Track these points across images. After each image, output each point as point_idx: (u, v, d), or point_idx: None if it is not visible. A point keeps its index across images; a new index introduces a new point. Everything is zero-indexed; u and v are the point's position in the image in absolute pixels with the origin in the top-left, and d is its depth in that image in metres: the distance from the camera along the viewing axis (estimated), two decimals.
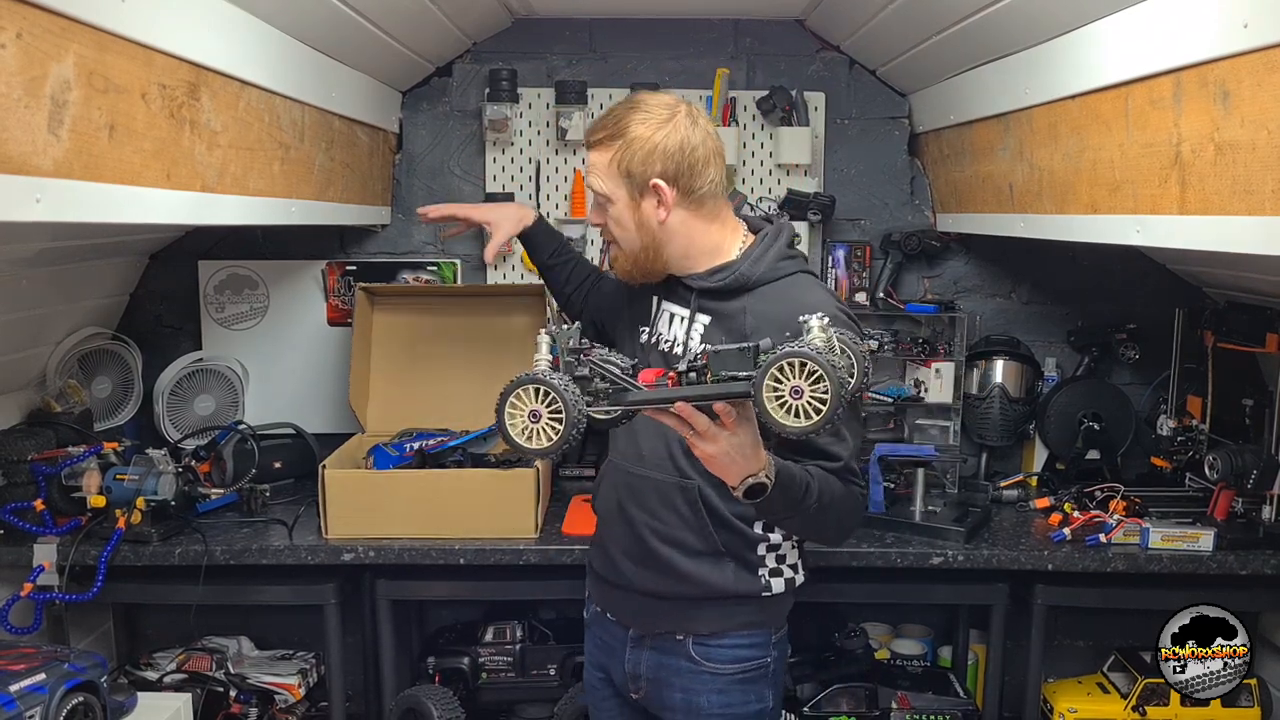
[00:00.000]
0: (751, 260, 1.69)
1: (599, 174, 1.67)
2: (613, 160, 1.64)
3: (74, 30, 1.19)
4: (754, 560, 1.72)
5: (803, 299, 1.63)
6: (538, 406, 1.36)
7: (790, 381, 1.28)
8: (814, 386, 1.27)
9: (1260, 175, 1.28)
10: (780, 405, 1.28)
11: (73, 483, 2.27)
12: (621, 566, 1.77)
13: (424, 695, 2.38)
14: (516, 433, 1.37)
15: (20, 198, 1.12)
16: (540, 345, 1.43)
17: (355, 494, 2.29)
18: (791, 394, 1.27)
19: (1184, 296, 2.75)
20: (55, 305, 2.48)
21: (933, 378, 2.70)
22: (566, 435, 1.35)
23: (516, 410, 1.37)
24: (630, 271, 1.75)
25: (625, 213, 1.67)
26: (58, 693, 1.82)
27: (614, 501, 1.79)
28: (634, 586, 1.76)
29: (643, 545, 1.73)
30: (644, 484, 1.73)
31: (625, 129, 1.63)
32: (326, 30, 2.02)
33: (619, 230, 1.70)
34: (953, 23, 2.09)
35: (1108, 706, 2.45)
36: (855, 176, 2.84)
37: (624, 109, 1.66)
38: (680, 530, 1.70)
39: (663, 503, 1.71)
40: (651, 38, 2.79)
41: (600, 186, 1.68)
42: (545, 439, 1.36)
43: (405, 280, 2.84)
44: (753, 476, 1.44)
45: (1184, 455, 2.62)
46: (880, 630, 2.82)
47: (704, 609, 1.72)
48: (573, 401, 1.35)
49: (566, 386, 1.36)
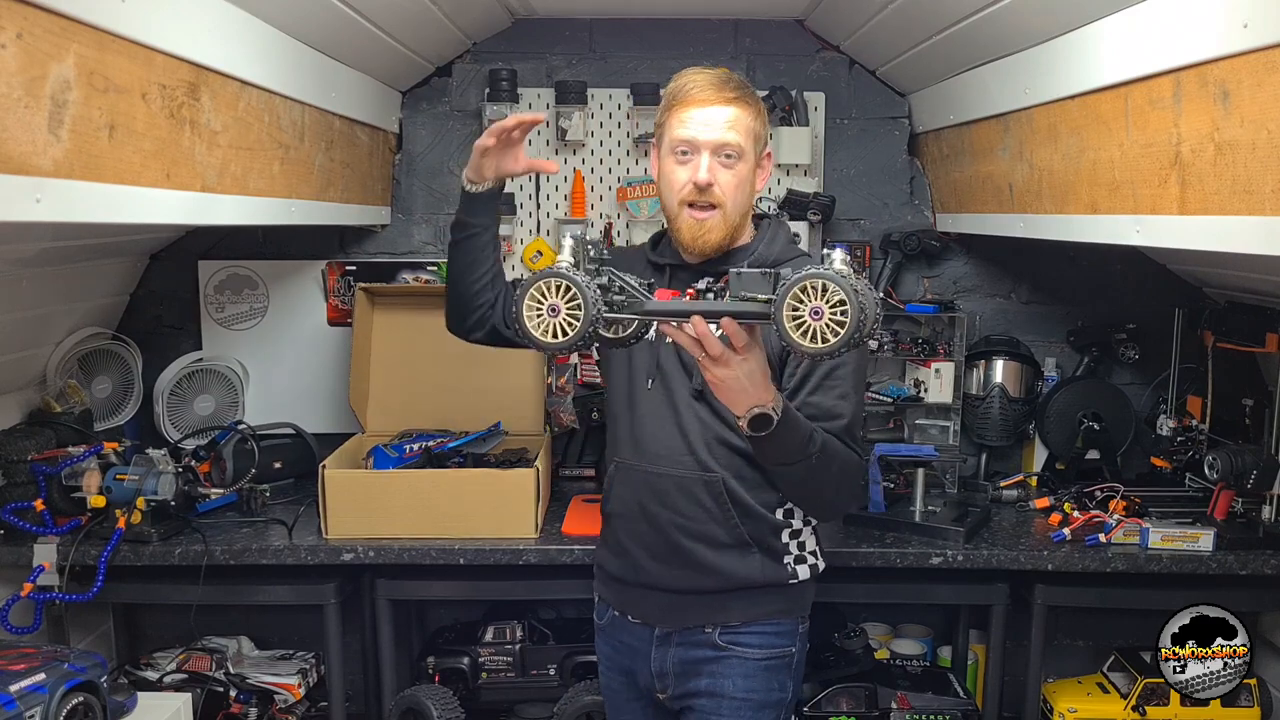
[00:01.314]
0: (767, 242, 1.73)
1: (741, 130, 1.65)
2: (755, 121, 1.67)
3: (74, 30, 1.19)
4: (779, 548, 1.74)
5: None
6: (557, 301, 1.37)
7: (811, 302, 1.29)
8: (834, 309, 1.28)
9: (1260, 175, 1.28)
10: (799, 327, 1.29)
11: (73, 483, 2.27)
12: (646, 567, 1.75)
13: (424, 695, 2.37)
14: (533, 325, 1.39)
15: (20, 198, 1.12)
16: (564, 246, 1.44)
17: (355, 494, 2.29)
18: (811, 314, 1.29)
19: (1184, 296, 2.75)
20: (55, 305, 2.48)
21: (933, 378, 2.70)
22: (583, 331, 1.37)
23: (536, 304, 1.38)
24: (722, 240, 1.69)
25: (748, 174, 1.68)
26: (58, 693, 1.82)
27: (633, 503, 1.76)
28: (661, 585, 1.75)
29: (670, 543, 1.72)
30: (665, 482, 1.72)
31: (758, 98, 1.69)
32: (326, 30, 2.02)
33: (736, 191, 1.67)
34: (953, 23, 2.09)
35: (1108, 706, 2.45)
36: (855, 176, 2.84)
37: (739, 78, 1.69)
38: (707, 524, 1.70)
39: (687, 498, 1.70)
40: (651, 38, 2.79)
41: (741, 142, 1.65)
42: (562, 333, 1.38)
43: (405, 280, 2.84)
44: (759, 407, 1.45)
45: (1184, 455, 2.62)
46: (880, 630, 2.82)
47: (733, 600, 1.73)
48: (592, 299, 1.37)
49: (588, 284, 1.37)
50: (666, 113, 1.70)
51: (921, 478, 2.44)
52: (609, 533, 1.85)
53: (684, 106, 1.66)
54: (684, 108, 1.66)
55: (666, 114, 1.70)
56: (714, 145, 1.64)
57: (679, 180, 1.67)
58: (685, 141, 1.66)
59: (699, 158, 1.65)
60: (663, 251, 1.80)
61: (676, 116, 1.67)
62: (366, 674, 2.80)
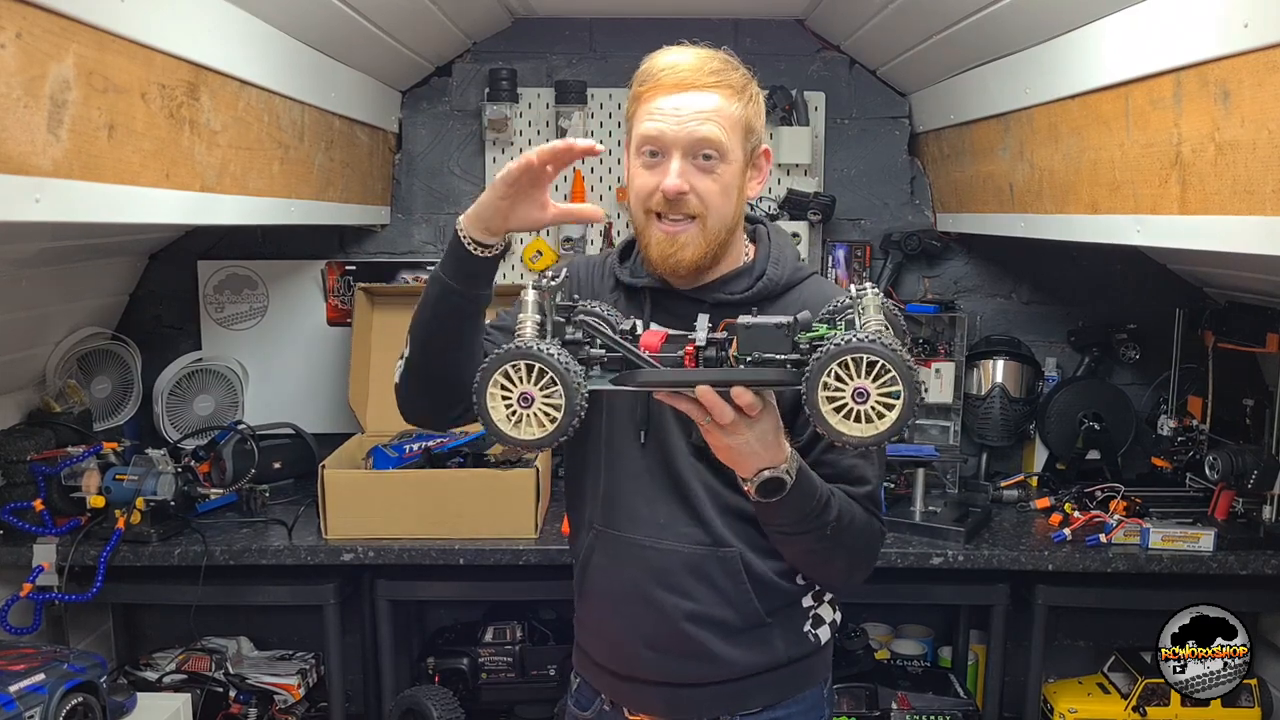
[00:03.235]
0: (774, 262, 1.43)
1: (722, 123, 1.32)
2: (742, 113, 1.34)
3: (74, 30, 1.19)
4: (799, 618, 1.46)
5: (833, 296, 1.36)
6: (530, 389, 1.11)
7: (854, 381, 1.06)
8: (882, 388, 1.06)
9: (1260, 175, 1.28)
10: (837, 409, 1.07)
11: (72, 483, 2.27)
12: (644, 658, 1.43)
13: (424, 695, 2.37)
14: (500, 418, 1.12)
15: (20, 197, 1.12)
16: (526, 304, 1.18)
17: (355, 494, 2.29)
18: (855, 396, 1.06)
19: (1184, 296, 2.74)
20: (55, 305, 2.47)
21: (933, 378, 2.70)
22: (565, 426, 1.11)
23: (503, 391, 1.12)
24: (700, 259, 1.36)
25: (736, 179, 1.35)
26: (57, 693, 1.82)
27: (626, 583, 1.43)
28: (662, 680, 1.44)
29: (675, 632, 1.40)
30: (669, 559, 1.39)
31: (745, 81, 1.36)
32: (326, 30, 2.02)
33: (720, 200, 1.34)
34: (953, 23, 2.09)
35: (1108, 707, 2.45)
36: (855, 176, 2.84)
37: (720, 58, 1.38)
38: (719, 608, 1.40)
39: (697, 578, 1.39)
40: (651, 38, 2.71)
41: (721, 137, 1.32)
42: (539, 427, 1.12)
43: (405, 280, 2.84)
44: (770, 469, 1.22)
45: (1184, 455, 2.62)
46: (880, 630, 2.82)
47: (752, 685, 1.44)
48: (575, 385, 1.10)
49: (568, 365, 1.10)
50: (634, 102, 1.38)
51: (922, 478, 2.44)
52: (589, 614, 1.51)
53: (652, 94, 1.34)
54: (652, 96, 1.34)
55: (634, 104, 1.38)
56: (687, 143, 1.32)
57: (645, 187, 1.35)
58: (652, 139, 1.33)
59: (669, 159, 1.33)
60: (636, 270, 1.46)
61: (644, 107, 1.35)
62: (366, 674, 2.80)
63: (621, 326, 1.24)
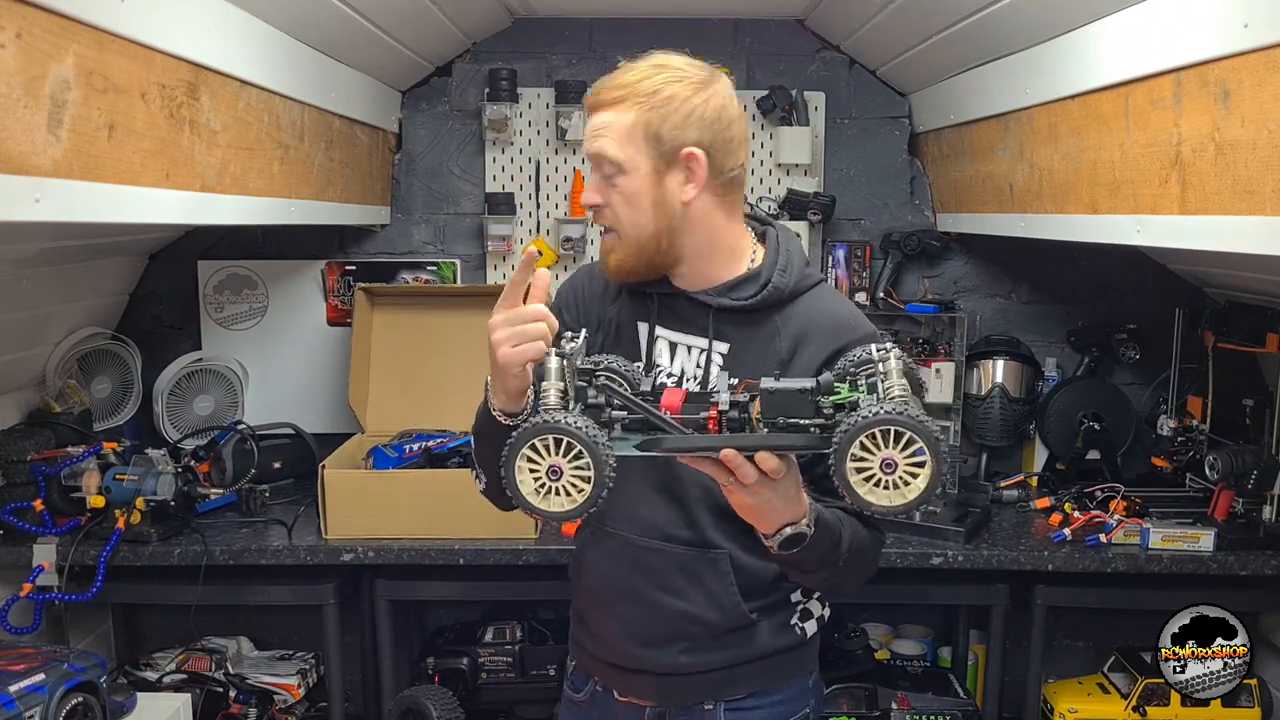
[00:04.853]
0: (780, 269, 1.43)
1: (615, 137, 1.36)
2: (638, 121, 1.35)
3: (74, 30, 1.19)
4: (787, 613, 1.51)
5: (842, 312, 1.45)
6: (558, 461, 1.12)
7: (881, 452, 1.08)
8: (909, 458, 1.08)
9: (1260, 175, 1.28)
10: (866, 479, 1.09)
11: (72, 483, 2.27)
12: (632, 651, 1.49)
13: (423, 695, 2.37)
14: (529, 491, 1.14)
15: (20, 197, 1.12)
16: (548, 372, 1.19)
17: (355, 494, 2.29)
18: (882, 467, 1.08)
19: (1184, 296, 2.74)
20: (55, 305, 2.48)
21: (933, 378, 2.70)
22: (595, 497, 1.12)
23: (532, 465, 1.13)
24: (628, 267, 1.42)
25: (643, 187, 1.37)
26: (57, 693, 1.82)
27: (617, 580, 1.48)
28: (653, 669, 1.49)
29: (663, 628, 1.46)
30: (661, 559, 1.44)
31: (656, 87, 1.36)
32: (326, 30, 2.02)
33: (628, 210, 1.38)
34: (953, 23, 2.09)
35: (1108, 707, 2.45)
36: (855, 176, 2.84)
37: (649, 66, 1.38)
38: (707, 609, 1.45)
39: (686, 579, 1.44)
40: (651, 38, 2.71)
41: (615, 152, 1.36)
42: (567, 498, 1.13)
43: (405, 280, 2.84)
44: (792, 526, 1.25)
45: (1184, 455, 2.62)
46: (880, 630, 2.82)
47: (738, 674, 1.50)
48: (604, 457, 1.11)
49: (595, 437, 1.11)
50: None
51: None
52: (584, 608, 1.57)
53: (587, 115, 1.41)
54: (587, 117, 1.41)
55: None
56: (594, 160, 1.39)
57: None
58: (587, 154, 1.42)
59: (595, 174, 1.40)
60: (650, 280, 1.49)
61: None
62: (366, 674, 2.80)
63: (642, 387, 1.25)
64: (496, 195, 2.78)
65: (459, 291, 2.79)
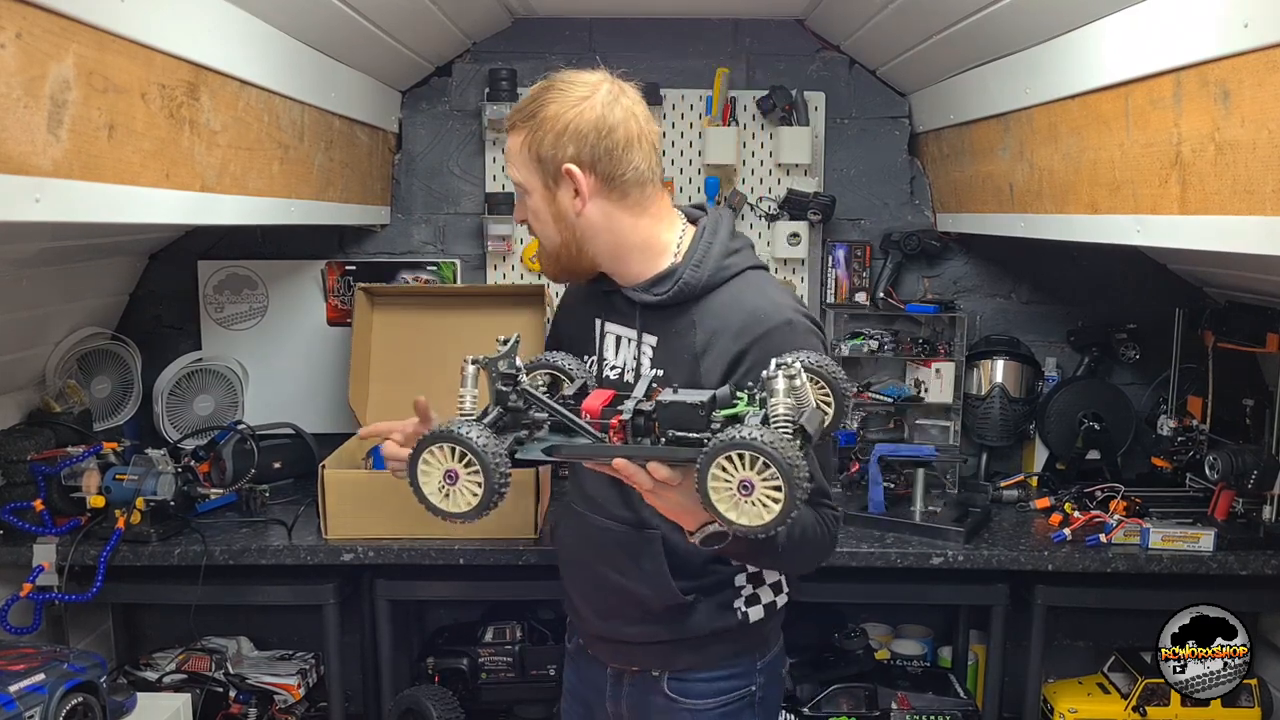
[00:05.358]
0: (694, 264, 1.49)
1: (513, 161, 1.48)
2: (524, 144, 1.45)
3: (74, 30, 1.19)
4: (728, 595, 1.58)
5: (756, 306, 1.47)
6: (454, 466, 1.19)
7: (739, 473, 1.09)
8: (766, 481, 1.08)
9: (1260, 175, 1.28)
10: (728, 497, 1.10)
11: (72, 483, 2.27)
12: (590, 620, 1.66)
13: (423, 695, 2.37)
14: (431, 492, 1.21)
15: (20, 197, 1.12)
16: (465, 378, 1.27)
17: (355, 494, 2.29)
18: (741, 489, 1.09)
19: (1184, 296, 2.74)
20: (55, 305, 2.47)
21: (933, 378, 2.70)
22: (487, 502, 1.19)
23: (431, 468, 1.20)
24: (554, 271, 1.56)
25: (542, 204, 1.48)
26: (57, 693, 1.82)
27: (579, 555, 1.65)
28: (607, 636, 1.65)
29: (613, 601, 1.60)
30: (605, 536, 1.58)
31: (535, 109, 1.45)
32: (326, 30, 2.02)
33: (537, 225, 1.51)
34: (953, 23, 2.09)
35: (1108, 707, 2.45)
36: (855, 176, 2.84)
37: (541, 88, 1.47)
38: (639, 585, 1.55)
39: (628, 556, 1.56)
40: (651, 38, 2.79)
41: (515, 175, 1.49)
42: (465, 501, 1.20)
43: (405, 280, 2.84)
44: (712, 524, 1.28)
45: (1184, 455, 2.62)
46: (880, 630, 2.82)
47: (679, 648, 1.59)
48: (494, 465, 1.17)
49: (486, 445, 1.17)
50: None
51: (922, 478, 2.44)
52: (563, 576, 1.75)
53: None
54: None
55: None
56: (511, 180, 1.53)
57: None
58: None
59: None
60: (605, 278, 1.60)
61: None
62: (366, 674, 2.80)
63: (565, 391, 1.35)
64: (496, 195, 2.78)
65: (459, 291, 2.79)
